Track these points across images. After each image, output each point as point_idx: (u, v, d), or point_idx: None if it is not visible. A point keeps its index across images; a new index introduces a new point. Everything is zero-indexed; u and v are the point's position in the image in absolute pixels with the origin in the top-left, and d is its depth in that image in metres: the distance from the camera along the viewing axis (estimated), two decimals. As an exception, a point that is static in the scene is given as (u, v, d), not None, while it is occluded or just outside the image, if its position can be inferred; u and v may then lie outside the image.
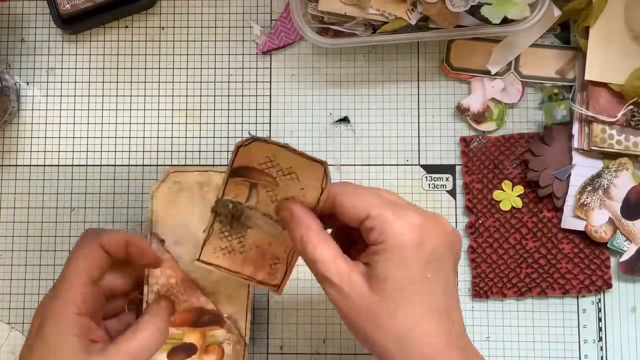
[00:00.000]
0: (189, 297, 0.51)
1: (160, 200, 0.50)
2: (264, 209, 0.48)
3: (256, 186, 0.47)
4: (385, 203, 0.43)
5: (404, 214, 0.42)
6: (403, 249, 0.41)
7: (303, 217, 0.44)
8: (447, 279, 0.43)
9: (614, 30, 0.58)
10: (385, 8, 0.56)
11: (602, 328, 0.59)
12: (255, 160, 0.47)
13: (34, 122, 0.61)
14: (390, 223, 0.41)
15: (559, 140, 0.59)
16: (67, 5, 0.59)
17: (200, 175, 0.50)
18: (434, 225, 0.42)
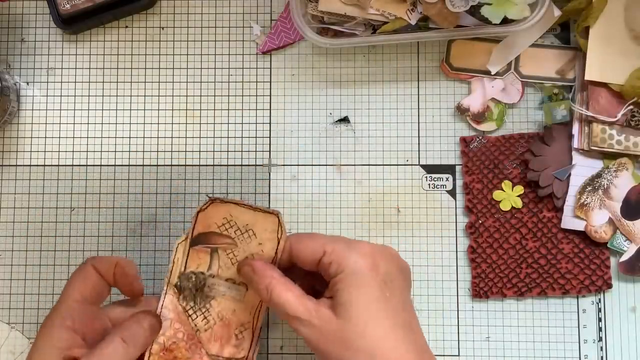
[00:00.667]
0: (192, 354, 0.50)
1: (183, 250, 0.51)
2: (225, 274, 0.51)
3: (217, 251, 0.51)
4: (337, 239, 0.48)
5: (355, 245, 0.47)
6: (360, 274, 0.46)
7: (264, 269, 0.48)
8: (404, 298, 0.48)
9: (614, 30, 0.58)
10: (385, 8, 0.56)
11: (602, 328, 0.59)
12: (213, 223, 0.51)
13: (34, 122, 0.61)
14: (345, 254, 0.46)
15: (559, 140, 0.59)
16: (67, 5, 0.59)
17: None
18: (383, 251, 0.48)
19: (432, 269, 0.59)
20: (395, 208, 0.60)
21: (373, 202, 0.60)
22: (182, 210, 0.60)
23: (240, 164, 0.61)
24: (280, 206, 0.60)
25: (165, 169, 0.61)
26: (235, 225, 0.50)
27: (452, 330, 0.59)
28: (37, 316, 0.59)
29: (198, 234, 0.50)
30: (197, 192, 0.60)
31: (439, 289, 0.59)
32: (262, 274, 0.48)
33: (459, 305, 0.59)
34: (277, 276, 0.48)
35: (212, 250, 0.51)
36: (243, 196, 0.60)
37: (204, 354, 0.51)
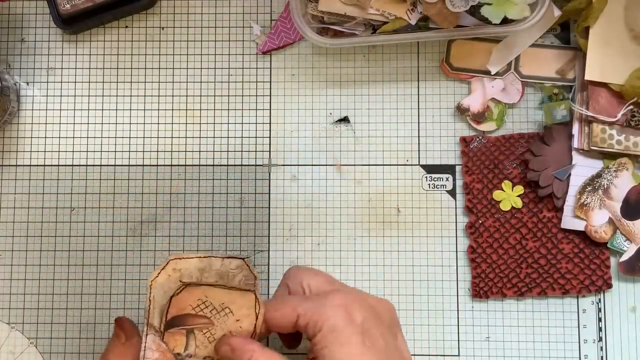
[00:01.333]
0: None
1: (159, 289, 0.49)
2: (203, 352, 0.49)
3: (192, 331, 0.50)
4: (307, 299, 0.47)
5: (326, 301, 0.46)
6: (337, 329, 0.45)
7: (243, 344, 0.47)
8: (387, 344, 0.46)
9: (614, 30, 0.58)
10: (385, 8, 0.56)
11: (602, 328, 0.59)
12: (187, 305, 0.49)
13: (34, 122, 0.61)
14: (318, 312, 0.45)
15: (559, 140, 0.59)
16: (67, 5, 0.59)
17: (200, 261, 0.49)
18: (354, 299, 0.46)
19: (432, 269, 0.59)
20: (395, 208, 0.60)
21: (373, 202, 0.60)
22: (182, 210, 0.60)
23: (240, 164, 0.61)
24: (280, 206, 0.60)
25: (165, 169, 0.61)
26: (210, 305, 0.49)
27: (452, 330, 0.59)
28: (37, 316, 0.60)
29: (172, 318, 0.49)
30: (197, 192, 0.60)
31: (439, 289, 0.59)
32: (241, 350, 0.47)
33: (459, 305, 0.59)
34: (258, 349, 0.47)
35: (188, 331, 0.49)
36: (243, 196, 0.60)
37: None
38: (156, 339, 0.49)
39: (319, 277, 0.49)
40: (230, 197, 0.60)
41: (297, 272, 0.50)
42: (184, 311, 0.49)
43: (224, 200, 0.60)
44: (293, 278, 0.50)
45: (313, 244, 0.60)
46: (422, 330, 0.59)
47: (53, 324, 0.59)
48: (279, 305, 0.48)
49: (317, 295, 0.48)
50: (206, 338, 0.50)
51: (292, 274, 0.50)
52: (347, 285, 0.50)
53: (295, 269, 0.50)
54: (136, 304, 0.60)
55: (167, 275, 0.49)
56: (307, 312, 0.46)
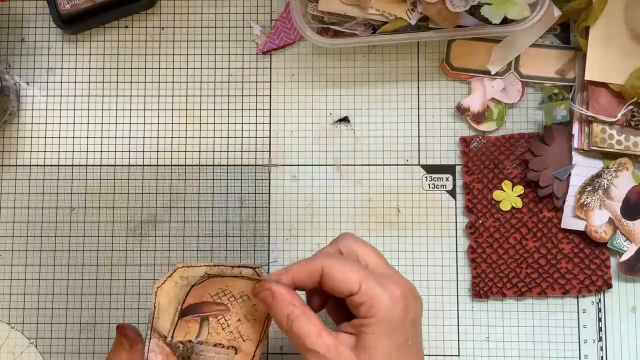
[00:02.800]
0: None
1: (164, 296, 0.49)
2: (214, 339, 0.49)
3: (207, 318, 0.49)
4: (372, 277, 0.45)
5: (388, 287, 0.45)
6: (392, 322, 0.44)
7: (285, 296, 0.45)
8: (419, 340, 0.47)
9: (614, 30, 0.58)
10: (385, 8, 0.56)
11: (602, 328, 0.59)
12: (207, 293, 0.49)
13: (34, 122, 0.61)
14: (378, 298, 0.44)
15: (559, 140, 0.59)
16: (67, 5, 0.59)
17: (209, 269, 0.49)
18: (413, 295, 0.46)
19: (432, 269, 0.59)
20: (395, 208, 0.60)
21: (373, 202, 0.60)
22: (182, 210, 0.60)
23: (240, 164, 0.61)
24: (280, 206, 0.60)
25: (165, 169, 0.61)
26: (229, 292, 0.49)
27: (452, 330, 0.59)
28: (37, 316, 0.60)
29: (189, 305, 0.49)
30: (197, 192, 0.60)
31: (439, 289, 0.59)
32: (283, 301, 0.45)
33: (459, 305, 0.59)
34: (299, 304, 0.45)
35: (202, 318, 0.49)
36: (243, 196, 0.60)
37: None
38: (159, 342, 0.49)
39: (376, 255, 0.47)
40: (230, 197, 0.60)
41: (352, 242, 0.48)
42: (202, 299, 0.49)
43: (224, 200, 0.60)
44: (349, 247, 0.47)
45: (313, 244, 0.60)
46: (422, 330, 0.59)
47: (53, 324, 0.59)
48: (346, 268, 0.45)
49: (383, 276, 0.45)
50: (220, 325, 0.49)
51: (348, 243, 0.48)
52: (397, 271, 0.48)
53: (351, 237, 0.48)
54: (136, 304, 0.60)
55: (174, 282, 0.49)
56: (368, 292, 0.44)
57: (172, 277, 0.49)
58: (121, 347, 0.49)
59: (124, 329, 0.49)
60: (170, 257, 0.60)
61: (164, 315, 0.49)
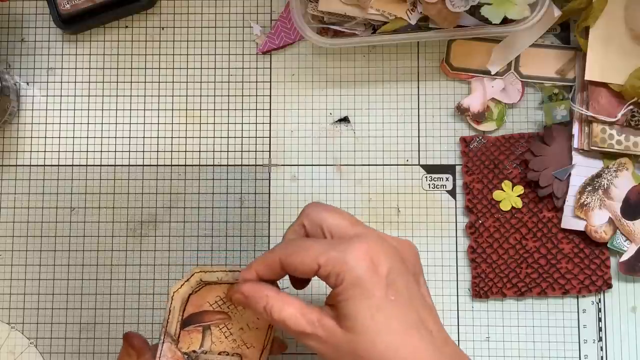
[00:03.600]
0: None
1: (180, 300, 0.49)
2: (218, 347, 0.49)
3: (209, 327, 0.49)
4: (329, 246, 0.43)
5: (349, 247, 0.43)
6: (361, 282, 0.42)
7: (256, 290, 0.45)
8: (410, 294, 0.44)
9: (614, 30, 0.58)
10: (385, 8, 0.56)
11: (602, 328, 0.59)
12: (205, 302, 0.49)
13: (34, 122, 0.61)
14: (341, 263, 0.42)
15: (559, 140, 0.59)
16: (67, 5, 0.59)
17: (225, 274, 0.48)
18: (380, 247, 0.43)
19: (432, 269, 0.59)
20: (395, 208, 0.60)
21: (373, 202, 0.60)
22: (182, 210, 0.60)
23: (240, 164, 0.61)
24: (280, 206, 0.60)
25: (165, 169, 0.61)
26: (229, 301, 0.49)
27: (452, 330, 0.59)
28: (37, 316, 0.60)
29: (189, 315, 0.49)
30: (197, 192, 0.60)
31: (439, 289, 0.59)
32: (255, 297, 0.45)
33: (459, 305, 0.59)
34: (273, 293, 0.45)
35: (205, 328, 0.49)
36: (243, 196, 0.60)
37: None
38: (172, 346, 0.49)
39: (340, 218, 0.45)
40: (230, 197, 0.60)
41: (316, 211, 0.46)
42: (202, 308, 0.49)
43: (224, 200, 0.60)
44: (312, 219, 0.46)
45: (313, 244, 0.60)
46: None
47: (53, 324, 0.59)
48: (300, 252, 0.44)
49: (340, 242, 0.44)
50: (222, 333, 0.49)
51: (312, 214, 0.46)
52: (370, 228, 0.46)
53: (315, 207, 0.47)
54: (136, 304, 0.60)
55: (190, 286, 0.49)
56: (329, 263, 0.43)
57: (189, 281, 0.49)
58: (128, 356, 0.48)
59: (131, 338, 0.48)
60: (170, 257, 0.60)
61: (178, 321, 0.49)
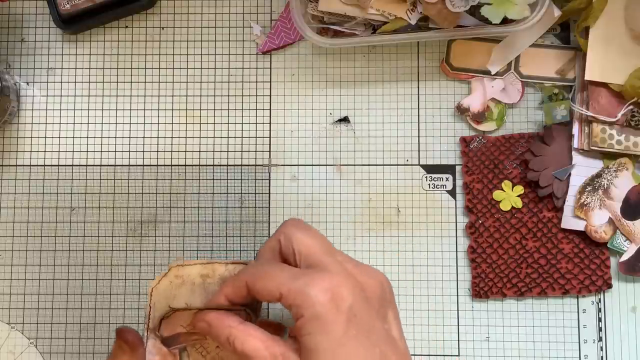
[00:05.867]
0: None
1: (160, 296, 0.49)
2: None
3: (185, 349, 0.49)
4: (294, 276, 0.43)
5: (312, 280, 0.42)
6: (322, 317, 0.41)
7: (220, 320, 0.45)
8: (374, 329, 0.43)
9: (614, 30, 0.58)
10: (385, 8, 0.56)
11: (602, 328, 0.59)
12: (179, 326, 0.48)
13: (34, 122, 0.61)
14: (302, 296, 0.42)
15: (559, 140, 0.59)
16: (67, 5, 0.59)
17: (203, 267, 0.48)
18: (344, 282, 0.43)
19: (432, 269, 0.59)
20: (395, 208, 0.60)
21: (373, 202, 0.60)
22: (182, 210, 0.60)
23: (240, 164, 0.61)
24: (280, 206, 0.60)
25: (165, 169, 0.61)
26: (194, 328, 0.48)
27: (452, 330, 0.59)
28: (37, 316, 0.60)
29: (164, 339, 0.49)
30: (197, 192, 0.60)
31: (439, 289, 0.59)
32: (218, 326, 0.45)
33: (459, 305, 0.59)
34: (236, 324, 0.44)
35: (181, 350, 0.49)
36: (243, 196, 0.60)
37: None
38: (156, 342, 0.49)
39: (312, 243, 0.45)
40: (230, 197, 0.60)
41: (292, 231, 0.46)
42: (175, 331, 0.49)
43: (224, 200, 0.60)
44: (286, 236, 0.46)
45: (313, 244, 0.60)
46: (422, 330, 0.59)
47: (53, 324, 0.59)
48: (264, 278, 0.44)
49: (304, 273, 0.43)
50: (199, 353, 0.49)
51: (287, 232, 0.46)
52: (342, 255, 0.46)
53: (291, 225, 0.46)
54: (136, 303, 0.60)
55: (169, 281, 0.49)
56: (291, 295, 0.42)
57: (167, 276, 0.49)
58: (122, 352, 0.48)
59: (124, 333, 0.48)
60: (170, 257, 0.60)
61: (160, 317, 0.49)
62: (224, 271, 0.49)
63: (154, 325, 0.49)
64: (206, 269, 0.48)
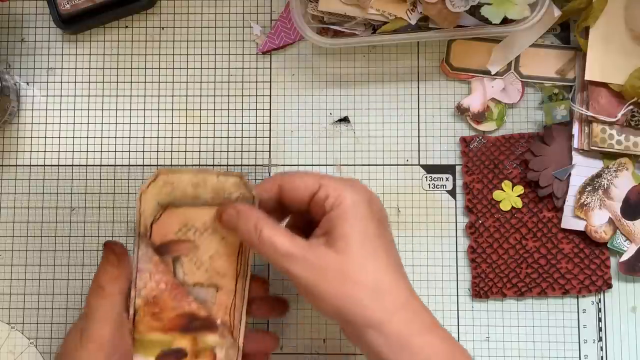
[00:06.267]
0: (179, 303, 0.49)
1: (150, 202, 0.49)
2: (191, 279, 0.49)
3: (179, 258, 0.49)
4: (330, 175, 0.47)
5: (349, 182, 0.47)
6: (360, 207, 0.45)
7: (249, 210, 0.47)
8: (392, 237, 0.47)
9: (614, 30, 0.58)
10: (385, 8, 0.56)
11: (602, 328, 0.59)
12: (169, 232, 0.49)
13: (34, 122, 0.61)
14: (342, 188, 0.45)
15: (559, 140, 0.59)
16: (67, 5, 0.59)
17: (194, 176, 0.49)
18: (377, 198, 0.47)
19: (432, 269, 0.59)
20: (395, 208, 0.60)
21: (373, 202, 0.60)
22: (182, 210, 0.60)
23: (240, 164, 0.61)
24: (280, 206, 0.60)
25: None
26: (193, 227, 0.49)
27: (452, 330, 0.59)
28: (37, 316, 0.60)
29: (156, 247, 0.49)
30: (197, 192, 0.60)
31: (439, 289, 0.59)
32: (248, 215, 0.46)
33: (459, 305, 0.59)
34: (264, 216, 0.46)
35: (174, 259, 0.49)
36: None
37: (191, 300, 0.49)
38: (148, 251, 0.49)
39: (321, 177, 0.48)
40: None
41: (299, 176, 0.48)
42: (167, 238, 0.49)
43: (224, 200, 0.60)
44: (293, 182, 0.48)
45: (313, 244, 0.60)
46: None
47: (53, 324, 0.59)
48: (302, 175, 0.47)
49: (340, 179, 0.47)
50: (193, 264, 0.49)
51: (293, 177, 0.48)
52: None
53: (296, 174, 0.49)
54: (136, 304, 0.60)
55: (159, 187, 0.49)
56: (330, 185, 0.45)
57: (156, 182, 0.49)
58: (108, 263, 0.48)
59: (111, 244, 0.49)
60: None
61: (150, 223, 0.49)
62: (216, 182, 0.49)
63: (145, 231, 0.49)
64: (197, 178, 0.49)
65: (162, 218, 0.49)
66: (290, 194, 0.47)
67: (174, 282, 0.49)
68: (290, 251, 0.44)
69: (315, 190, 0.46)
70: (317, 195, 0.46)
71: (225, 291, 0.50)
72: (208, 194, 0.49)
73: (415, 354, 0.43)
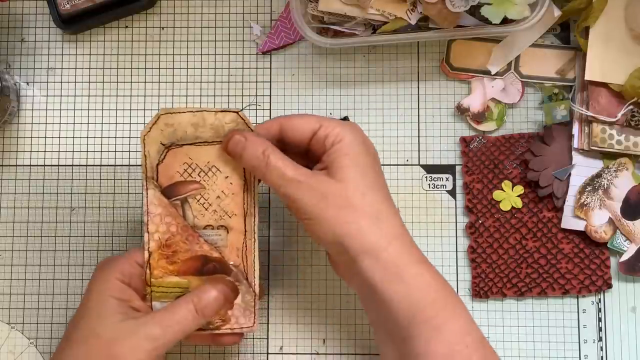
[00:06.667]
0: (191, 245, 0.50)
1: (153, 144, 0.49)
2: (202, 222, 0.50)
3: (186, 200, 0.49)
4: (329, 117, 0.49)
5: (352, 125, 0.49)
6: (358, 144, 0.48)
7: (258, 137, 0.48)
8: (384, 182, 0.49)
9: (614, 30, 0.58)
10: (385, 8, 0.56)
11: (602, 328, 0.59)
12: (175, 172, 0.49)
13: (34, 122, 0.61)
14: (341, 127, 0.48)
15: (559, 140, 0.59)
16: (67, 5, 0.59)
17: (193, 115, 0.49)
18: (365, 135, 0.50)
19: (432, 269, 0.59)
20: (395, 208, 0.60)
21: (373, 202, 0.60)
22: (182, 210, 0.60)
23: (240, 164, 0.61)
24: (280, 206, 0.60)
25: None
26: (197, 167, 0.50)
27: (452, 330, 0.59)
28: (37, 316, 0.60)
29: (164, 189, 0.49)
30: (197, 192, 0.60)
31: (439, 289, 0.59)
32: (255, 141, 0.48)
33: (459, 305, 0.59)
34: (270, 144, 0.48)
35: (182, 202, 0.50)
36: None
37: (202, 242, 0.50)
38: (156, 193, 0.49)
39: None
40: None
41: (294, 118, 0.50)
42: (173, 179, 0.49)
43: (224, 200, 0.60)
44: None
45: (313, 244, 0.60)
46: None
47: (53, 324, 0.59)
48: (302, 116, 0.49)
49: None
50: (201, 205, 0.50)
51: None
52: None
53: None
54: (136, 304, 0.60)
55: (160, 130, 0.49)
56: (330, 125, 0.48)
57: (157, 124, 0.49)
58: None
59: None
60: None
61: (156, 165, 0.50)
62: (214, 120, 0.49)
63: (152, 173, 0.49)
64: (196, 117, 0.49)
65: (167, 159, 0.49)
66: (291, 134, 0.49)
67: (184, 224, 0.50)
68: (296, 177, 0.46)
69: (316, 130, 0.48)
70: (317, 134, 0.48)
71: (235, 232, 0.50)
72: (208, 133, 0.49)
73: (407, 283, 0.45)
